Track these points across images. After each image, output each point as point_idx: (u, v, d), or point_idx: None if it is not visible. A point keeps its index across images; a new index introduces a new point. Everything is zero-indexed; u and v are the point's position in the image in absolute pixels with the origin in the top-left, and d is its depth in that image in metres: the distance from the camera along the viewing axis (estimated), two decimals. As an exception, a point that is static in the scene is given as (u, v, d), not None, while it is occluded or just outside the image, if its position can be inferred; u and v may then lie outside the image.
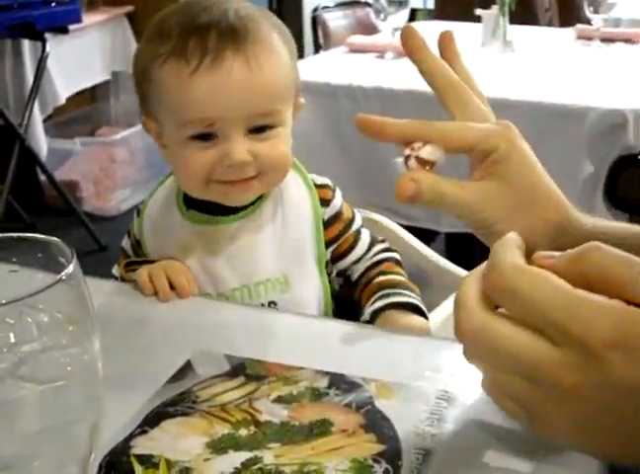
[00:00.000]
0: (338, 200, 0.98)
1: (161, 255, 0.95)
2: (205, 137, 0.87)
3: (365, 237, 0.99)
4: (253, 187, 0.90)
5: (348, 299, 0.96)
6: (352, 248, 0.97)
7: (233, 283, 0.93)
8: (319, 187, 0.97)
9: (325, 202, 0.96)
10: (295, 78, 0.92)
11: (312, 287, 0.94)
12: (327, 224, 0.96)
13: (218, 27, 0.85)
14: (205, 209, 0.94)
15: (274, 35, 0.89)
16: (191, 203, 0.96)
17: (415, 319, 0.89)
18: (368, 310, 0.91)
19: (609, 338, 0.42)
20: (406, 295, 0.92)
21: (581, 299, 0.44)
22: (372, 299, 0.93)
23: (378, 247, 0.99)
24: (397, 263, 0.98)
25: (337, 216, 0.97)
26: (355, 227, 0.98)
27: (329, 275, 0.97)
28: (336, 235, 0.96)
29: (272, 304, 0.93)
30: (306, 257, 0.94)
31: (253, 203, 0.94)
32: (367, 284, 0.96)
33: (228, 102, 0.85)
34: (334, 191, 0.98)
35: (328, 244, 0.96)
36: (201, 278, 0.93)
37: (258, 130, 0.88)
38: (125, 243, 1.02)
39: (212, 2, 0.88)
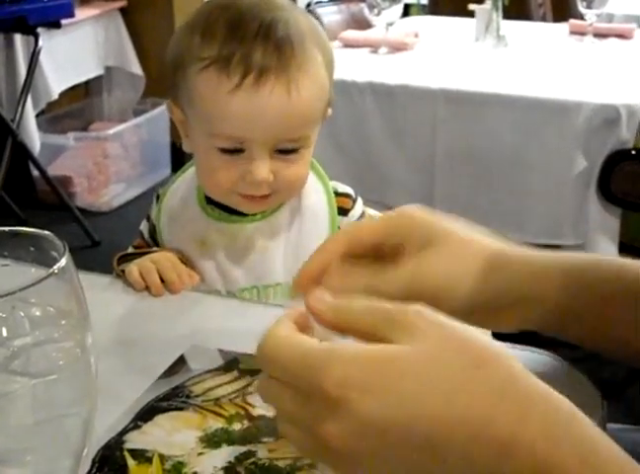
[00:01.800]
0: (357, 211, 0.97)
1: (176, 246, 0.95)
2: (233, 150, 0.87)
3: None
4: (266, 202, 0.91)
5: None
6: None
7: (243, 283, 0.93)
8: (339, 195, 0.97)
9: (343, 212, 0.96)
10: (330, 95, 0.91)
11: None
12: None
13: (265, 42, 0.83)
14: (224, 206, 0.95)
15: (317, 56, 0.87)
16: (210, 198, 0.96)
17: None
18: None
19: (341, 379, 0.42)
20: None
21: (314, 351, 0.45)
22: None
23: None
24: None
25: None
26: None
27: None
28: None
29: None
30: None
31: None
32: None
33: (262, 125, 0.85)
34: (354, 201, 0.97)
35: None
36: (213, 275, 0.94)
37: (285, 151, 0.88)
38: (144, 226, 1.01)
39: (262, 3, 0.86)
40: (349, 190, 0.98)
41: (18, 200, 3.01)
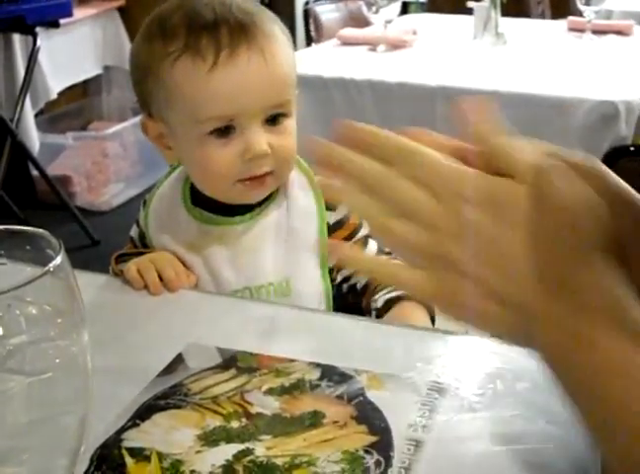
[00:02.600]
0: None
1: (167, 251, 0.94)
2: (224, 132, 0.87)
3: (373, 247, 0.97)
4: (266, 185, 0.91)
5: (352, 307, 0.95)
6: None
7: (235, 285, 0.93)
8: None
9: (331, 207, 0.95)
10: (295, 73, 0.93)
11: (314, 292, 0.93)
12: (332, 229, 0.95)
13: (227, 22, 0.85)
14: (211, 208, 0.94)
15: (275, 27, 0.89)
16: (196, 201, 0.95)
17: (425, 319, 0.89)
18: (383, 298, 0.91)
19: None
20: None
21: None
22: (387, 289, 0.92)
23: (384, 257, 0.97)
24: None
25: (343, 222, 0.96)
26: (361, 234, 0.97)
27: (333, 281, 0.96)
28: (341, 240, 0.95)
29: None
30: (310, 261, 0.93)
31: (259, 205, 0.94)
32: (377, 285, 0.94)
33: (247, 96, 0.85)
34: None
35: None
36: (204, 278, 0.93)
37: (272, 121, 0.88)
38: (134, 232, 1.01)
39: None
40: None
41: (17, 200, 3.01)
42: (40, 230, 0.45)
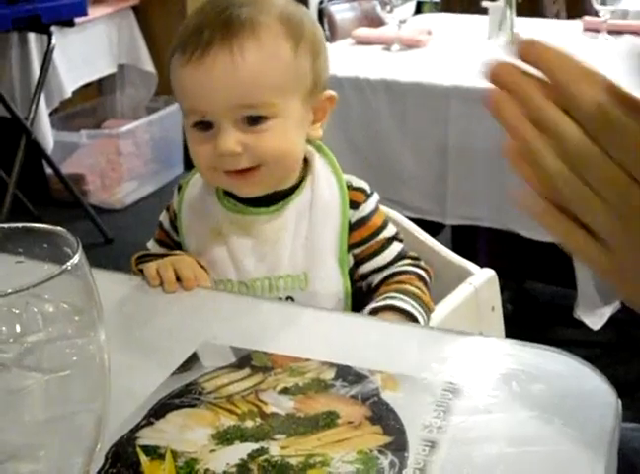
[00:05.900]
0: (370, 206, 0.97)
1: (194, 235, 0.98)
2: (204, 127, 0.90)
3: (395, 249, 0.97)
4: (254, 179, 0.91)
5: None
6: (375, 254, 0.96)
7: (255, 274, 0.94)
8: (353, 189, 0.97)
9: (355, 205, 0.96)
10: (303, 73, 0.92)
11: (331, 288, 0.94)
12: (353, 227, 0.95)
13: (217, 19, 0.88)
14: (240, 199, 0.96)
15: (277, 28, 0.89)
16: (227, 191, 0.97)
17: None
18: (368, 308, 0.92)
19: None
20: (409, 304, 0.91)
21: None
22: (377, 299, 0.93)
23: (406, 261, 0.97)
24: (420, 278, 0.96)
25: (364, 221, 0.96)
26: (383, 236, 0.97)
27: (351, 279, 0.96)
28: (360, 240, 0.96)
29: (289, 299, 0.93)
30: (328, 257, 0.94)
31: (284, 198, 0.95)
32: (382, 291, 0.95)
33: (212, 93, 0.87)
34: (368, 196, 0.97)
35: (351, 247, 0.95)
36: (227, 264, 0.95)
37: (252, 122, 0.88)
38: (163, 217, 1.03)
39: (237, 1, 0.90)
40: (364, 184, 0.98)
41: (32, 198, 3.02)
42: (58, 228, 0.46)
